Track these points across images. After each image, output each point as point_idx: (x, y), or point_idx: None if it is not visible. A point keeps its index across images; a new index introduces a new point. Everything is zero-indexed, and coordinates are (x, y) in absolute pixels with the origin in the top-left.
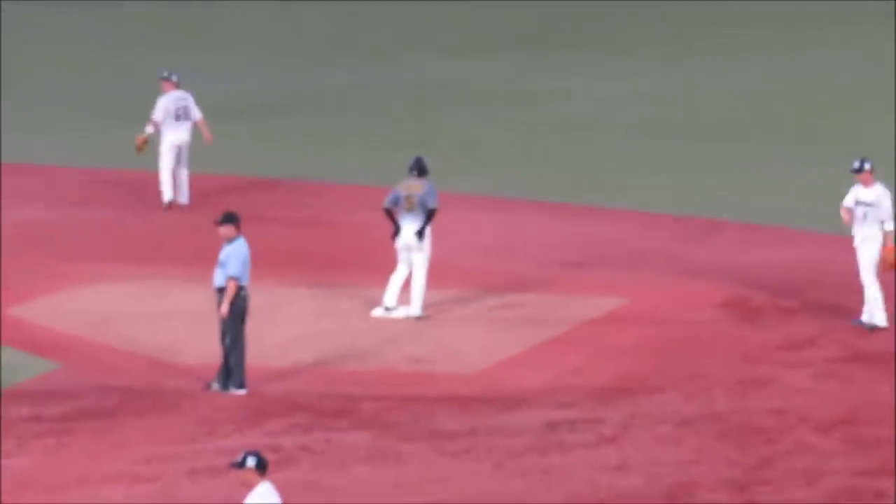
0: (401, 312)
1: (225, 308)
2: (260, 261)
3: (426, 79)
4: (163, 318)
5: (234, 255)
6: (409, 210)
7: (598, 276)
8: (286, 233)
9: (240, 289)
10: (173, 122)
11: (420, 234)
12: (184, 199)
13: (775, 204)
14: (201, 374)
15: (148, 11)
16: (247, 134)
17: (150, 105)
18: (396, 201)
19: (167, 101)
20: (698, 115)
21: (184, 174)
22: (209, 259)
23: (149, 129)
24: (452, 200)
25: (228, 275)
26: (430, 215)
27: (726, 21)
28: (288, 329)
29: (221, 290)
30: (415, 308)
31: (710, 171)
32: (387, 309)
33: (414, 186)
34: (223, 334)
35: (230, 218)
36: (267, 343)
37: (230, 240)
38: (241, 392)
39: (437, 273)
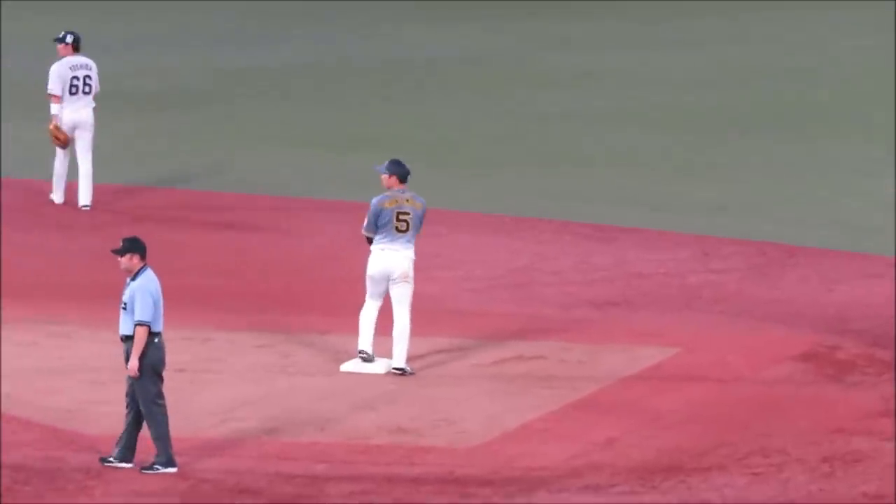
0: (379, 367)
1: (134, 363)
2: (189, 297)
3: (401, 56)
4: (62, 375)
5: (141, 294)
6: (402, 231)
7: (640, 320)
8: (225, 262)
9: (152, 336)
10: (67, 97)
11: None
12: (86, 199)
13: (871, 224)
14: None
15: None
16: (156, 128)
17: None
18: (381, 222)
19: (61, 69)
20: (767, 101)
21: (86, 165)
22: (119, 297)
23: (55, 109)
24: (444, 219)
25: (136, 320)
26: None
27: None
28: (229, 389)
29: (128, 340)
30: (399, 359)
31: (786, 179)
32: (363, 359)
33: (405, 200)
34: (130, 395)
35: (134, 245)
36: (202, 407)
37: (134, 274)
38: (171, 470)
39: (425, 316)
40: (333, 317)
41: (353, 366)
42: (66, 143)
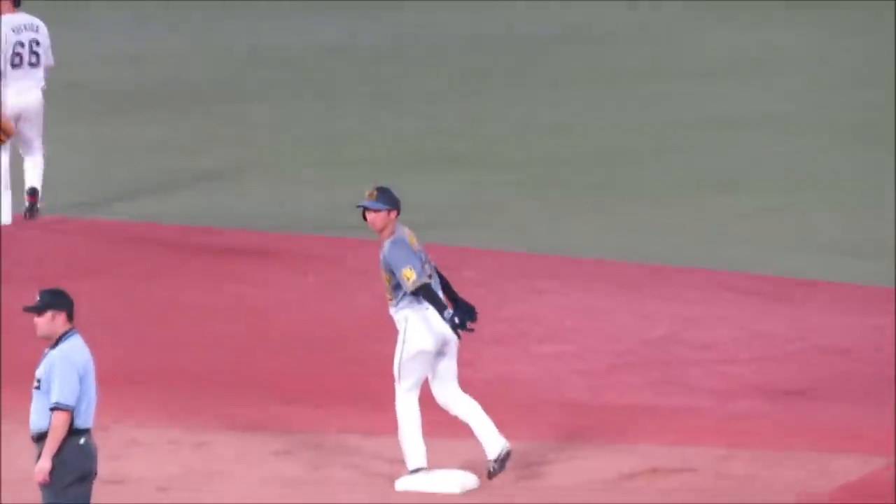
0: (452, 482)
1: (44, 464)
2: (179, 382)
3: (487, 33)
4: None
5: (62, 366)
6: (430, 279)
7: (832, 415)
8: (230, 330)
9: (77, 435)
10: (9, 71)
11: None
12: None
13: None
14: None
15: None
16: (139, 135)
17: None
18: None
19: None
20: None
21: (34, 162)
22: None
23: None
24: (549, 268)
25: (53, 402)
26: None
27: None
28: None
29: (41, 439)
30: (495, 446)
31: None
32: (415, 472)
33: (415, 238)
34: None
35: (56, 301)
36: None
37: (55, 340)
38: None
39: (520, 410)
40: (381, 412)
41: (412, 482)
42: (10, 135)
